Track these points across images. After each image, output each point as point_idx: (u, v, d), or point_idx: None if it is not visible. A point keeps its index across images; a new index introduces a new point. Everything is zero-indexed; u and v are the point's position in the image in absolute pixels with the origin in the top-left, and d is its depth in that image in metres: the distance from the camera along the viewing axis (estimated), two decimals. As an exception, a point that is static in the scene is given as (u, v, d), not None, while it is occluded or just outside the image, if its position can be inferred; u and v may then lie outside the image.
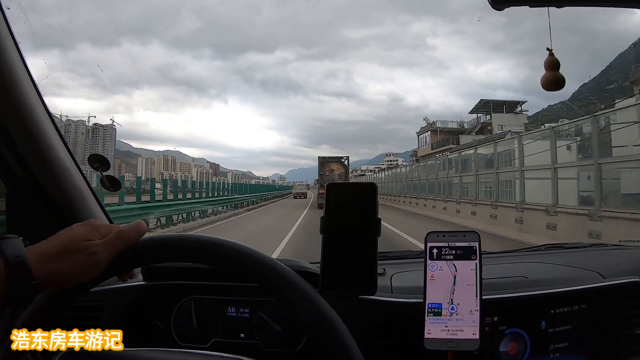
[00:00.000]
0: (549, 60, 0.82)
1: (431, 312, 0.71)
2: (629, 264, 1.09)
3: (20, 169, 0.89)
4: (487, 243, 0.96)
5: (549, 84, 0.82)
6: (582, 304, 0.87)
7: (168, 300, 0.94)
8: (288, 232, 9.87)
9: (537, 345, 0.83)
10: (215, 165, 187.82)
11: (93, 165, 1.02)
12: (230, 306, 0.92)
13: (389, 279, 0.96)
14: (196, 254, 0.62)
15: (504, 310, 0.83)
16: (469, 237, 0.73)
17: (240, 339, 0.91)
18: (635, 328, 0.90)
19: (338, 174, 23.55)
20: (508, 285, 0.90)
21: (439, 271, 0.72)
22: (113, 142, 75.79)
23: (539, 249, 1.41)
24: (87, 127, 61.13)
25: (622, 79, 30.16)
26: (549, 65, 0.82)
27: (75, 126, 56.67)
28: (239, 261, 0.60)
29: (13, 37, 0.79)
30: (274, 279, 0.59)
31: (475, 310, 0.70)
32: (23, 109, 0.82)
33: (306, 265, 0.79)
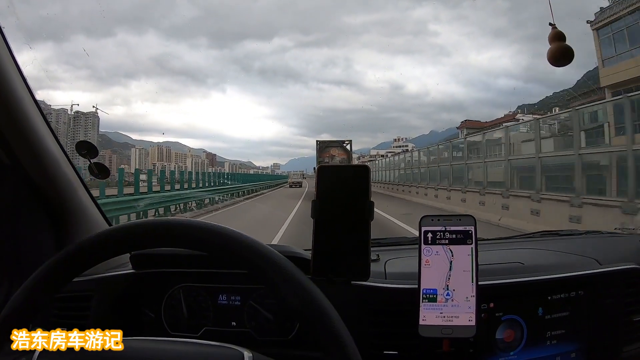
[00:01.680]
0: (553, 33, 0.77)
1: (426, 298, 0.70)
2: (625, 250, 1.09)
3: (7, 157, 0.86)
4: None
5: (557, 56, 0.77)
6: (579, 290, 0.86)
7: (158, 288, 0.93)
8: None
9: (534, 331, 0.83)
10: (211, 155, 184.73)
11: (80, 153, 1.00)
12: (221, 294, 0.91)
13: (383, 265, 0.95)
14: (182, 239, 0.60)
15: (501, 297, 0.82)
16: (464, 221, 0.72)
17: (231, 327, 0.90)
18: (632, 315, 0.89)
19: (340, 160, 20.60)
20: (504, 271, 0.90)
21: (434, 256, 0.71)
22: (96, 131, 72.97)
23: (534, 235, 1.41)
24: (69, 116, 58.86)
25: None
26: (553, 37, 0.77)
27: (57, 115, 54.80)
28: (226, 246, 0.58)
29: (2, 33, 0.77)
30: (262, 264, 0.57)
31: (471, 297, 0.69)
32: (9, 97, 0.80)
33: (297, 250, 0.77)
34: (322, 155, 20.93)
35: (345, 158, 20.95)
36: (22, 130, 0.84)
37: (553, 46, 0.77)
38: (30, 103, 0.85)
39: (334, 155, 20.98)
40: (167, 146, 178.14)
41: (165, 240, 0.61)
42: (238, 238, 0.58)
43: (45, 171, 0.91)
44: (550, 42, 0.77)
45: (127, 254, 0.88)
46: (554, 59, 0.77)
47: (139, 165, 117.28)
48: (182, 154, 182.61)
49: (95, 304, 0.89)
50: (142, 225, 0.61)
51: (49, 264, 0.60)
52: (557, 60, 0.77)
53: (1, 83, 0.77)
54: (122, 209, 8.42)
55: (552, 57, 0.77)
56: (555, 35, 0.77)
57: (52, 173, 0.93)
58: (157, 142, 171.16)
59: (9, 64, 0.78)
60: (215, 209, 13.33)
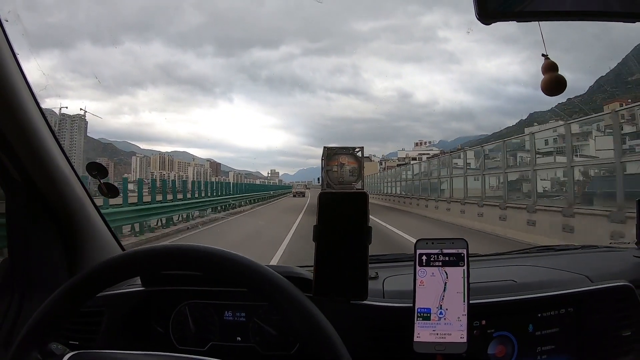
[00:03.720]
0: (546, 64, 0.79)
1: (420, 316, 0.74)
2: (618, 266, 1.12)
3: (18, 173, 0.90)
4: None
5: (550, 86, 0.79)
6: (568, 307, 0.90)
7: (166, 305, 0.97)
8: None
9: (524, 347, 0.86)
10: (215, 164, 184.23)
11: (91, 173, 1.04)
12: (227, 310, 0.95)
13: (381, 282, 0.99)
14: (189, 263, 0.65)
15: (493, 314, 0.86)
16: (457, 244, 0.76)
17: (237, 342, 0.93)
18: (621, 330, 0.92)
19: (350, 170, 17.13)
20: (497, 289, 0.93)
21: (429, 277, 0.75)
22: (82, 135, 70.50)
23: (530, 251, 1.44)
24: (56, 118, 57.46)
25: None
26: (546, 68, 0.79)
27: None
28: (228, 268, 0.63)
29: (8, 42, 0.80)
30: (263, 284, 0.62)
31: (462, 315, 0.73)
32: (20, 113, 0.83)
33: (298, 271, 0.81)
34: (329, 163, 17.45)
35: (355, 167, 17.34)
36: (34, 148, 0.88)
37: (546, 77, 0.79)
38: (41, 120, 0.88)
39: (344, 164, 17.36)
40: (169, 155, 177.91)
41: (175, 265, 0.67)
42: (237, 260, 0.63)
43: (56, 188, 0.95)
44: (543, 72, 0.80)
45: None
46: (547, 89, 0.80)
47: (139, 174, 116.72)
48: (185, 162, 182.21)
49: (107, 320, 0.93)
50: (158, 250, 0.66)
51: (74, 281, 0.65)
52: (550, 90, 0.79)
53: (13, 101, 0.80)
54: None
55: (546, 87, 0.79)
56: (548, 66, 0.79)
57: (62, 189, 0.96)
58: (165, 152, 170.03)
59: (18, 80, 0.81)
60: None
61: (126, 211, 9.30)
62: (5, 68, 0.78)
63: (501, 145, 11.66)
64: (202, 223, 12.45)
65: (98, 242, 1.06)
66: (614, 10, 0.74)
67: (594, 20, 0.76)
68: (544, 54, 0.80)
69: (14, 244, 0.96)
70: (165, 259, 0.65)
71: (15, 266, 0.97)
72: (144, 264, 0.66)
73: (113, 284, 0.66)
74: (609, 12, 0.74)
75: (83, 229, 1.02)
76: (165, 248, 0.66)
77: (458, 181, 14.09)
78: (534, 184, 9.44)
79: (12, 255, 0.97)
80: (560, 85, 0.80)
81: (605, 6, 0.75)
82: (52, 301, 0.63)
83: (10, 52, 0.79)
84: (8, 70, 0.78)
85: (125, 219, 9.26)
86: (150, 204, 11.09)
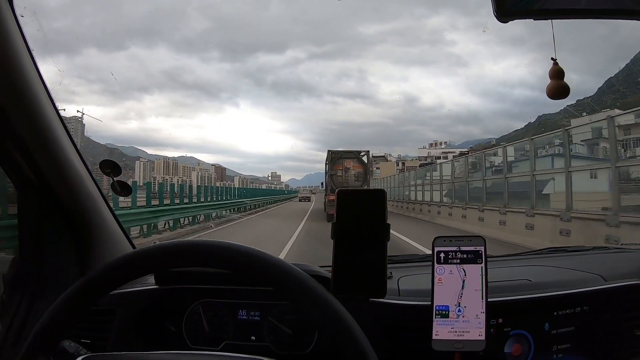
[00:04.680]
0: (553, 70, 0.82)
1: (439, 314, 0.74)
2: (630, 266, 1.12)
3: (32, 174, 0.90)
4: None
5: (555, 92, 0.83)
6: (584, 306, 0.90)
7: (179, 303, 0.96)
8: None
9: (541, 346, 0.86)
10: (221, 168, 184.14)
11: (104, 171, 1.03)
12: (241, 309, 0.94)
13: (396, 282, 0.99)
14: (209, 259, 0.64)
15: (509, 313, 0.85)
16: (474, 242, 0.76)
17: (251, 342, 0.93)
18: (636, 329, 0.92)
19: (355, 174, 16.49)
20: (513, 288, 0.93)
21: (448, 275, 0.75)
22: (79, 138, 70.87)
23: (542, 252, 1.44)
24: None
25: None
26: (554, 74, 0.82)
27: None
28: (254, 265, 0.62)
29: (27, 45, 0.80)
30: (289, 282, 0.61)
31: (481, 313, 0.73)
32: (36, 115, 0.83)
33: (317, 269, 0.81)
34: (334, 167, 16.75)
35: (361, 172, 16.68)
36: (48, 149, 0.88)
37: (552, 82, 0.82)
38: (56, 120, 0.88)
39: (349, 168, 16.72)
40: (174, 160, 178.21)
41: (196, 261, 0.65)
42: (264, 258, 0.62)
43: (69, 188, 0.95)
44: (550, 77, 0.82)
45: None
46: (552, 93, 0.83)
47: (143, 178, 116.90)
48: (190, 167, 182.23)
49: (119, 318, 0.92)
50: (173, 247, 0.65)
51: (86, 280, 0.64)
52: (554, 95, 0.82)
53: (29, 100, 0.80)
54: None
55: (550, 92, 0.82)
56: (555, 72, 0.82)
57: (76, 190, 0.96)
58: (172, 157, 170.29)
59: (35, 79, 0.81)
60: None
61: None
62: (21, 65, 0.78)
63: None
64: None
65: (110, 241, 1.05)
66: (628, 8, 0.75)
67: (608, 18, 0.77)
68: (553, 58, 0.83)
69: (25, 243, 0.96)
70: (187, 255, 0.64)
71: (26, 265, 0.97)
72: (159, 261, 0.65)
73: (125, 282, 0.65)
74: (623, 9, 0.75)
75: (95, 227, 1.02)
76: (185, 244, 0.65)
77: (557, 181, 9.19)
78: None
79: (22, 253, 0.97)
80: (564, 92, 0.82)
81: (619, 4, 0.75)
82: (63, 300, 0.62)
83: (26, 49, 0.79)
84: (24, 68, 0.79)
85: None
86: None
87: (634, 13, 0.75)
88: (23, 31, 0.79)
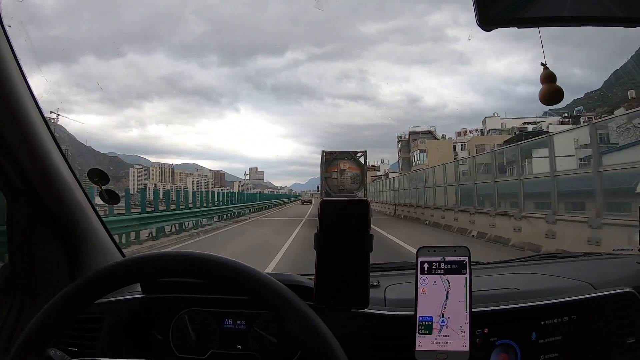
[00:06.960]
0: (544, 74, 0.81)
1: (422, 325, 0.73)
2: (621, 273, 1.10)
3: (21, 182, 0.90)
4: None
5: (548, 97, 0.81)
6: (572, 314, 0.89)
7: (166, 312, 0.96)
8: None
9: (528, 356, 0.85)
10: (220, 174, 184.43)
11: (92, 180, 1.04)
12: (227, 318, 0.94)
13: (382, 291, 0.98)
14: (184, 270, 0.64)
15: (495, 322, 0.85)
16: (459, 252, 0.75)
17: (237, 351, 0.93)
18: (625, 337, 0.91)
19: (351, 176, 15.33)
20: (500, 297, 0.92)
21: (431, 285, 0.74)
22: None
23: (533, 258, 1.43)
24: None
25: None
26: (545, 79, 0.81)
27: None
28: (230, 277, 0.62)
29: (13, 52, 0.81)
30: (265, 293, 0.61)
31: (465, 324, 0.72)
32: (24, 122, 0.84)
33: (299, 279, 0.81)
34: (328, 169, 15.54)
35: (357, 173, 15.49)
36: (36, 156, 0.88)
37: (544, 87, 0.81)
38: (44, 128, 0.89)
39: (344, 170, 15.46)
40: (169, 166, 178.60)
41: (184, 272, 0.65)
42: (237, 267, 0.62)
43: (57, 194, 0.95)
44: (542, 82, 0.81)
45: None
46: (545, 99, 0.81)
47: (137, 185, 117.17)
48: (187, 173, 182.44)
49: (107, 326, 0.93)
50: (159, 257, 0.65)
51: (73, 287, 0.64)
52: (547, 100, 0.81)
53: (15, 108, 0.81)
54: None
55: (543, 97, 0.81)
56: (546, 77, 0.80)
57: (64, 196, 0.97)
58: (174, 164, 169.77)
59: (22, 88, 0.82)
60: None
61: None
62: (7, 74, 0.78)
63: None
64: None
65: (99, 249, 1.06)
66: (614, 15, 0.74)
67: (594, 25, 0.76)
68: (543, 63, 0.82)
69: (14, 250, 0.97)
70: (166, 265, 0.64)
71: (16, 271, 0.97)
72: (144, 271, 0.66)
73: (112, 290, 0.66)
74: (609, 17, 0.74)
75: (84, 235, 1.02)
76: (166, 255, 0.65)
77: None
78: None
79: (12, 260, 0.97)
80: (558, 96, 0.81)
81: (605, 11, 0.75)
82: (51, 307, 0.63)
83: (13, 58, 0.80)
84: (10, 76, 0.79)
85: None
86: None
87: (618, 20, 0.74)
88: (10, 41, 0.80)
